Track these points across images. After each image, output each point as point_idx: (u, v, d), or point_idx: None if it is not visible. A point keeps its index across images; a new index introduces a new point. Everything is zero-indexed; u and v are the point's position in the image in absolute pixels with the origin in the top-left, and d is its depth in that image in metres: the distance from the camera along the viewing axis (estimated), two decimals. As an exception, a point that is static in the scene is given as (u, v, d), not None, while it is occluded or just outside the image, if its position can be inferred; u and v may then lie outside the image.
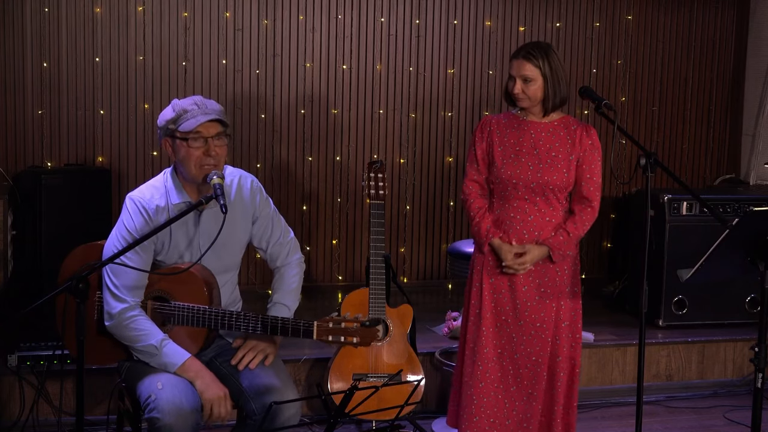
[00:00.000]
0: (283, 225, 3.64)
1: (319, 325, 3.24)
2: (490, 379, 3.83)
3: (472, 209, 3.88)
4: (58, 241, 4.95)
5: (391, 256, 5.71)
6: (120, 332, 3.32)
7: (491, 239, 3.81)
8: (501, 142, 3.84)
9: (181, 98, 3.43)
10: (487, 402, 3.82)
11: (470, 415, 3.82)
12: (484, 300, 3.84)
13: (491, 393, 3.82)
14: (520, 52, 3.78)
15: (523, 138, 3.82)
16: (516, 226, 3.80)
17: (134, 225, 3.33)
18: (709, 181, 6.76)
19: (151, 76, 5.78)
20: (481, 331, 3.83)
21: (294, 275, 3.64)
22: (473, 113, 6.32)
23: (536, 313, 3.80)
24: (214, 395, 3.30)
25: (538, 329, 3.81)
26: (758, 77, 6.53)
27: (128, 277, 3.29)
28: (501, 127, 3.87)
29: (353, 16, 6.08)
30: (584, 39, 6.44)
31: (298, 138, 6.07)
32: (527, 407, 3.83)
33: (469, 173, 3.91)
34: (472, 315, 3.88)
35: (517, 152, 3.81)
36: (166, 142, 3.37)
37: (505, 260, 3.77)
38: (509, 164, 3.80)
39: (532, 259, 3.78)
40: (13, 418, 4.39)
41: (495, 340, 3.84)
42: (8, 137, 5.62)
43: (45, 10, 5.59)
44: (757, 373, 3.30)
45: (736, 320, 5.47)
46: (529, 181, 3.78)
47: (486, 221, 3.84)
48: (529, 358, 3.82)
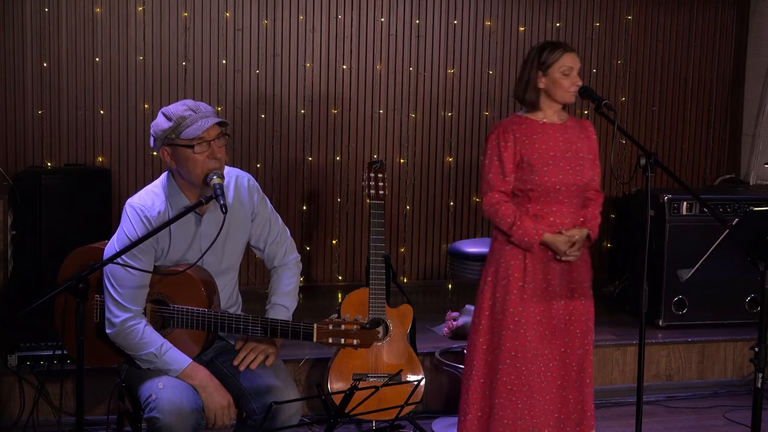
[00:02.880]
0: (280, 224, 3.61)
1: (318, 327, 3.24)
2: (536, 382, 3.82)
3: (506, 215, 3.76)
4: (58, 241, 4.94)
5: (391, 256, 5.70)
6: (121, 341, 3.31)
7: (543, 234, 3.75)
8: (533, 149, 3.77)
9: (176, 101, 3.40)
10: (532, 403, 3.81)
11: (515, 419, 3.81)
12: (525, 304, 3.81)
13: (535, 395, 3.82)
14: (567, 45, 3.79)
15: (552, 142, 3.79)
16: (554, 229, 3.79)
17: (136, 233, 3.28)
18: (709, 181, 6.76)
19: (151, 76, 5.78)
20: (522, 336, 3.80)
21: (292, 276, 3.61)
22: (473, 113, 6.32)
23: (568, 310, 3.84)
24: (218, 405, 3.29)
25: (571, 323, 3.85)
26: (758, 77, 6.53)
27: (130, 286, 3.27)
28: (525, 134, 3.79)
29: (353, 16, 6.08)
30: (584, 39, 6.44)
31: (298, 138, 6.07)
32: (562, 399, 3.86)
33: (495, 184, 3.78)
34: (511, 322, 3.84)
35: (553, 157, 3.77)
36: (164, 151, 3.30)
37: (561, 250, 3.76)
38: (551, 171, 3.76)
39: (581, 244, 3.81)
40: (13, 418, 4.39)
41: (538, 342, 3.82)
42: (8, 137, 5.61)
43: (45, 10, 5.59)
44: (757, 373, 3.31)
45: (736, 320, 5.47)
46: (570, 185, 3.78)
47: (527, 221, 3.77)
48: (565, 353, 3.84)
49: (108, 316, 3.30)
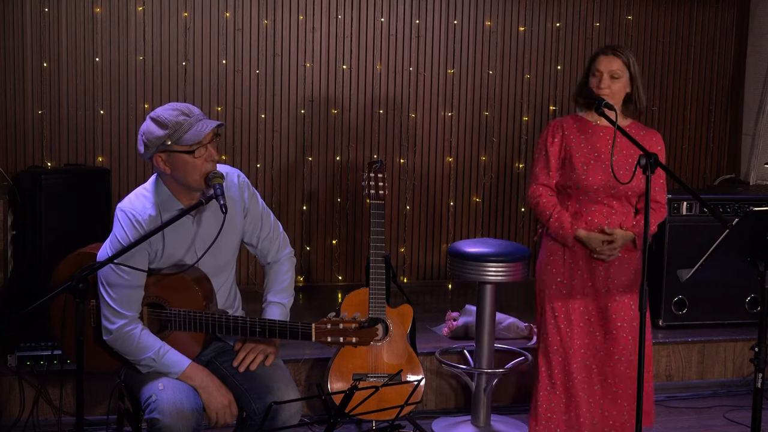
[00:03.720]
0: (272, 220, 3.58)
1: (317, 327, 3.23)
2: (578, 379, 3.92)
3: (547, 207, 3.89)
4: (58, 241, 4.94)
5: (391, 256, 5.71)
6: (119, 346, 3.30)
7: (577, 230, 3.84)
8: (578, 147, 3.86)
9: (171, 102, 3.37)
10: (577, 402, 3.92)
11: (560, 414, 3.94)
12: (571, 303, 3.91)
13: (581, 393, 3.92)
14: (608, 49, 3.85)
15: (599, 143, 3.86)
16: (591, 228, 3.86)
17: (128, 239, 3.25)
18: (709, 181, 6.76)
19: (151, 76, 5.78)
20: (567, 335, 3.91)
21: (286, 271, 3.59)
22: (473, 113, 6.32)
23: (617, 311, 3.91)
24: (219, 404, 3.29)
25: (618, 327, 3.91)
26: (758, 77, 6.53)
27: (125, 291, 3.25)
28: (574, 132, 3.89)
29: (353, 16, 6.08)
30: (584, 39, 6.44)
31: (298, 138, 6.07)
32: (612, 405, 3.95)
33: (539, 177, 3.93)
34: (551, 317, 3.95)
35: (596, 158, 3.84)
36: (158, 158, 3.25)
37: (595, 248, 3.82)
38: (590, 171, 3.83)
39: (621, 245, 3.84)
40: (13, 418, 4.39)
41: (583, 342, 3.93)
42: (8, 137, 5.61)
43: (45, 10, 5.59)
44: (757, 373, 3.31)
45: (736, 320, 5.47)
46: (609, 187, 3.82)
47: (565, 215, 3.87)
48: (612, 356, 3.92)
49: (104, 323, 3.28)
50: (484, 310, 4.55)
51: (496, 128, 6.36)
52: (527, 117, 6.39)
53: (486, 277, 4.43)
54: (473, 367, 4.64)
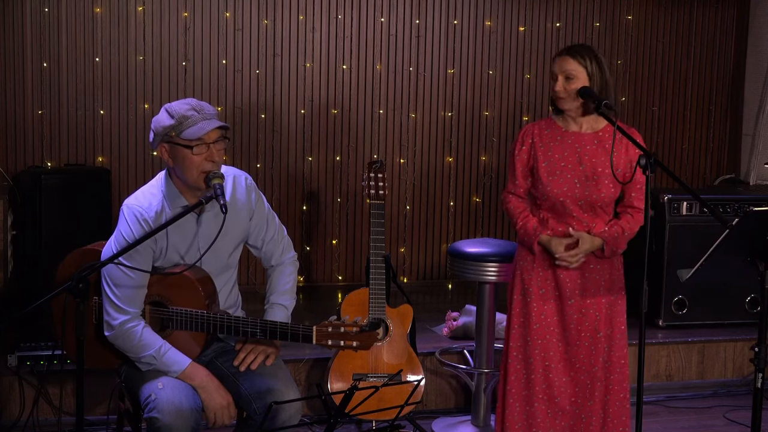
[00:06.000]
0: (277, 223, 3.61)
1: (318, 329, 3.24)
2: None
3: (514, 214, 3.81)
4: (58, 241, 4.94)
5: (391, 256, 5.71)
6: (120, 343, 3.31)
7: (539, 236, 3.72)
8: (545, 156, 3.72)
9: (176, 100, 3.39)
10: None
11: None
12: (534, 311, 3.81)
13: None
14: (564, 50, 3.71)
15: (567, 152, 3.72)
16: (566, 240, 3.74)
17: (133, 235, 3.27)
18: (709, 181, 6.76)
19: (151, 76, 5.78)
20: (537, 343, 3.81)
21: (289, 274, 3.61)
22: (473, 113, 6.32)
23: (577, 317, 3.80)
24: (218, 405, 3.30)
25: (582, 337, 3.81)
26: (758, 77, 6.53)
27: (128, 287, 3.26)
28: (543, 139, 3.75)
29: (353, 16, 6.08)
30: (584, 39, 6.43)
31: (298, 138, 6.07)
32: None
33: (508, 185, 3.85)
34: (516, 323, 3.86)
35: (562, 168, 3.70)
36: (162, 148, 3.30)
37: (555, 252, 3.69)
38: (555, 181, 3.70)
39: (585, 251, 3.69)
40: (13, 418, 4.39)
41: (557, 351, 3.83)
42: (8, 137, 5.61)
43: (45, 10, 5.59)
44: (757, 373, 3.30)
45: (736, 320, 5.47)
46: (576, 199, 3.69)
47: (531, 220, 3.75)
48: (573, 366, 3.82)
49: (106, 318, 3.29)
50: (483, 310, 4.55)
51: (496, 128, 6.36)
52: (527, 117, 6.39)
53: (486, 277, 4.43)
54: (473, 367, 4.64)
